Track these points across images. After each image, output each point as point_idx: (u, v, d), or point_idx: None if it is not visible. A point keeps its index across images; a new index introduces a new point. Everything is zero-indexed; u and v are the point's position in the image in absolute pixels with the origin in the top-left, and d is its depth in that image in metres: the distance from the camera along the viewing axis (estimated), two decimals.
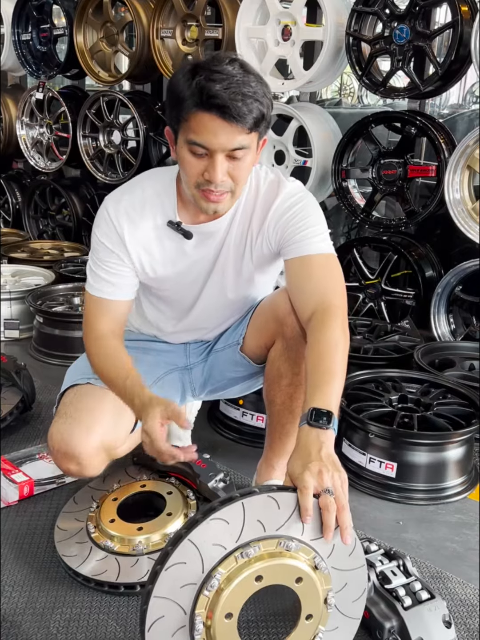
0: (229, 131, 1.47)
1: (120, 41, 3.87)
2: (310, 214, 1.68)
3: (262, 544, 1.16)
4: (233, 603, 1.15)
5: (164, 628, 1.14)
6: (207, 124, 1.47)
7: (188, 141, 1.51)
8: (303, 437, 1.30)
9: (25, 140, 4.50)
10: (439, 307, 3.07)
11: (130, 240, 1.70)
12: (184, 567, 1.13)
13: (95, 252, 1.75)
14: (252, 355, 1.86)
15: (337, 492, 1.20)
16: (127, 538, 1.65)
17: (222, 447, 2.31)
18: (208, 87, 1.44)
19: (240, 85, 1.45)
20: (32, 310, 3.14)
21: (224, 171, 1.53)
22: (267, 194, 1.71)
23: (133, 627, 1.51)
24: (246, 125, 1.47)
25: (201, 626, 1.14)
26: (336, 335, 1.49)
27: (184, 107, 1.48)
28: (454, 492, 2.09)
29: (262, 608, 1.56)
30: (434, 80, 2.98)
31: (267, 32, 3.28)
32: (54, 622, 1.52)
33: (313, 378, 1.43)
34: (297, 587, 1.19)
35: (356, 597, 1.29)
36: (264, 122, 1.52)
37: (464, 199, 2.95)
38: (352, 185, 3.34)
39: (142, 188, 1.73)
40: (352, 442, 2.16)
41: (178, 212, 1.71)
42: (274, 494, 1.17)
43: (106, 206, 1.72)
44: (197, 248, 1.75)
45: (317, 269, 1.63)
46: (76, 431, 1.66)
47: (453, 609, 1.60)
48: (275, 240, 1.70)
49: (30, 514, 1.90)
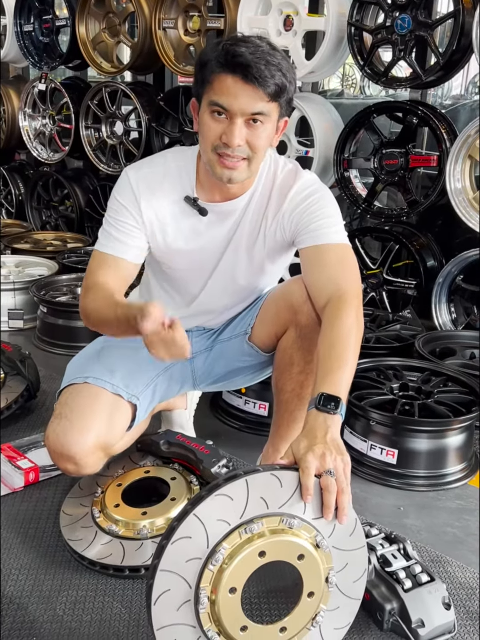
0: (250, 94, 1.51)
1: (123, 32, 3.87)
2: (326, 204, 1.70)
3: (265, 520, 1.19)
4: (237, 578, 1.18)
5: (170, 602, 1.16)
6: (229, 86, 1.51)
7: (210, 102, 1.54)
8: (310, 420, 1.33)
9: (28, 132, 4.51)
10: (440, 296, 3.08)
11: (146, 206, 1.71)
12: (189, 541, 1.15)
13: (110, 212, 1.75)
14: (260, 344, 1.86)
15: (338, 474, 1.22)
16: (132, 522, 1.67)
17: (224, 435, 2.33)
18: (233, 49, 1.49)
19: (266, 54, 1.50)
20: (35, 300, 3.16)
21: (242, 136, 1.55)
22: (284, 182, 1.72)
23: (138, 609, 1.54)
24: (267, 89, 1.50)
25: (206, 600, 1.17)
26: (350, 323, 1.51)
27: (208, 68, 1.53)
28: (454, 478, 2.11)
29: (264, 587, 1.59)
30: (436, 70, 2.98)
31: (269, 22, 3.28)
32: (60, 604, 1.55)
33: (324, 364, 1.45)
34: (299, 564, 1.22)
35: (357, 577, 1.31)
36: (284, 94, 1.55)
37: (465, 188, 2.96)
38: (353, 175, 3.34)
39: (164, 161, 1.75)
40: (353, 429, 2.18)
41: (196, 189, 1.72)
42: (277, 472, 1.20)
43: (127, 172, 1.73)
44: (210, 227, 1.75)
45: (332, 258, 1.65)
46: (70, 431, 1.67)
47: (453, 592, 1.62)
48: (290, 229, 1.72)
49: (36, 499, 1.93)
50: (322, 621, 1.28)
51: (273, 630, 1.25)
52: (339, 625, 1.33)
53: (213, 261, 1.80)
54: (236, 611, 1.20)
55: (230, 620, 1.19)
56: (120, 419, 1.74)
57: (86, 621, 1.50)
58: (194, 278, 1.84)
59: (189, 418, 2.21)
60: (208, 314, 1.94)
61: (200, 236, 1.76)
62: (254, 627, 1.23)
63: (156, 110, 3.85)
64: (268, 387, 1.97)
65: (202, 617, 1.18)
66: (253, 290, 1.90)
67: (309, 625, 1.27)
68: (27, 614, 1.51)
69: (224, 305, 1.92)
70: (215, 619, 1.19)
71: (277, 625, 1.25)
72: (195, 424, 2.23)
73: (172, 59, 3.67)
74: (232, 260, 1.80)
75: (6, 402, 2.30)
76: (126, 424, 1.77)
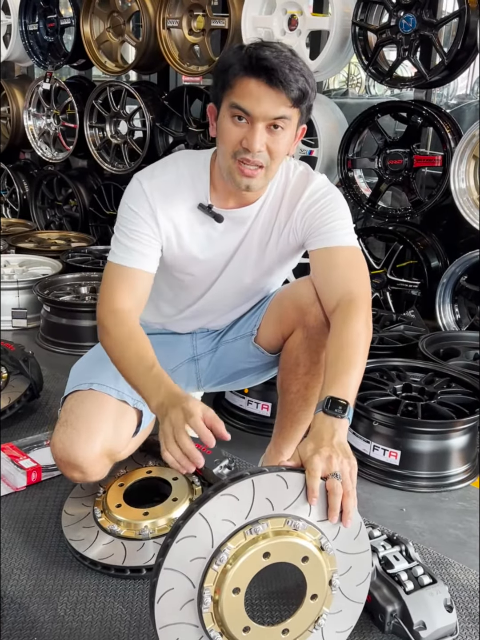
0: (273, 98, 1.49)
1: (127, 31, 3.87)
2: (337, 207, 1.69)
3: (270, 521, 1.19)
4: (241, 578, 1.18)
5: (173, 600, 1.16)
6: (253, 90, 1.49)
7: (231, 105, 1.52)
8: (317, 423, 1.33)
9: (33, 131, 4.52)
10: (444, 297, 3.08)
11: (161, 215, 1.67)
12: (194, 540, 1.15)
13: (123, 222, 1.68)
14: (266, 345, 1.86)
15: (344, 477, 1.22)
16: (133, 523, 1.67)
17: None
18: (257, 52, 1.48)
19: (289, 59, 1.50)
20: (39, 299, 3.16)
21: (262, 141, 1.53)
22: (296, 185, 1.72)
23: (139, 610, 1.54)
24: (290, 93, 1.49)
25: (209, 600, 1.17)
26: (359, 327, 1.51)
27: (230, 72, 1.51)
28: (457, 479, 2.11)
29: (265, 589, 1.59)
30: (440, 69, 2.97)
31: (274, 22, 3.28)
32: (61, 604, 1.55)
33: (333, 367, 1.45)
34: (303, 566, 1.22)
35: (360, 581, 1.31)
36: (306, 101, 1.54)
37: (469, 188, 2.96)
38: (357, 175, 3.34)
39: (176, 167, 1.72)
40: (356, 430, 2.18)
41: (210, 195, 1.71)
42: (283, 473, 1.20)
43: (139, 180, 1.69)
44: (225, 233, 1.74)
45: (342, 261, 1.65)
46: (77, 440, 1.65)
47: (455, 594, 1.62)
48: (302, 232, 1.71)
49: (38, 499, 1.93)
50: (324, 624, 1.28)
51: (275, 631, 1.25)
52: (341, 628, 1.32)
53: (223, 263, 1.79)
54: (239, 611, 1.20)
55: (233, 621, 1.19)
56: (126, 426, 1.73)
57: (87, 621, 1.50)
58: (201, 281, 1.83)
59: None
60: (212, 313, 1.93)
61: (215, 243, 1.75)
62: (257, 628, 1.22)
63: (160, 110, 3.86)
64: (271, 388, 1.97)
65: (205, 617, 1.18)
66: (259, 291, 1.89)
67: (312, 627, 1.27)
68: (28, 613, 1.51)
69: (229, 306, 1.91)
70: (218, 619, 1.19)
71: (280, 627, 1.25)
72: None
73: (176, 58, 3.67)
74: (241, 263, 1.79)
75: (9, 401, 2.30)
76: (132, 430, 1.75)
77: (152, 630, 1.45)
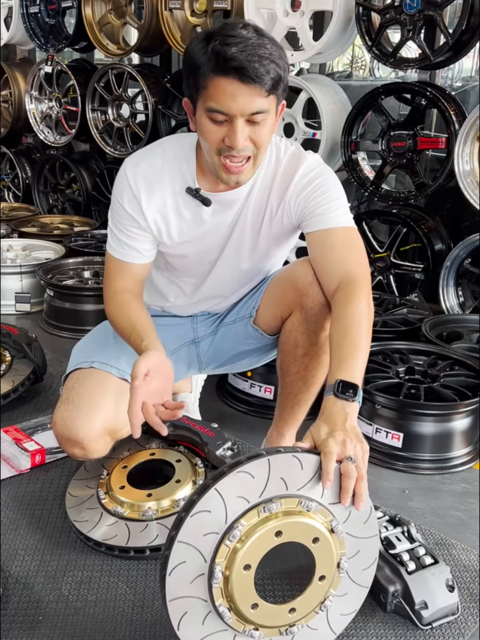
0: (247, 94, 1.47)
1: (129, 13, 3.84)
2: (331, 187, 1.68)
3: (283, 501, 1.20)
4: (252, 555, 1.19)
5: (184, 574, 1.17)
6: (225, 88, 1.46)
7: (207, 109, 1.50)
8: (329, 406, 1.33)
9: (35, 115, 4.50)
10: (447, 280, 3.07)
11: (147, 206, 1.70)
12: (208, 515, 1.16)
13: (114, 214, 1.75)
14: (265, 327, 1.86)
15: (358, 460, 1.23)
16: (137, 504, 1.68)
17: (230, 418, 2.34)
18: (224, 51, 1.43)
19: (256, 48, 1.45)
20: (42, 283, 3.17)
21: (245, 136, 1.52)
22: (287, 166, 1.70)
23: (142, 589, 1.55)
24: (264, 86, 1.47)
25: (220, 575, 1.17)
26: (362, 309, 1.51)
27: (201, 74, 1.48)
28: (459, 462, 2.11)
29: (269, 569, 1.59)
30: (445, 50, 2.94)
31: (277, 3, 3.24)
32: (65, 584, 1.56)
33: (339, 350, 1.45)
34: (314, 547, 1.23)
35: (367, 565, 1.32)
36: (281, 84, 1.51)
37: (473, 170, 2.94)
38: (361, 157, 3.32)
39: (162, 152, 1.72)
40: (359, 412, 2.16)
41: (197, 178, 1.70)
42: (299, 454, 1.20)
43: (125, 169, 1.71)
44: (214, 216, 1.74)
45: (340, 242, 1.64)
46: (78, 417, 1.68)
47: (457, 575, 1.63)
48: (296, 214, 1.71)
49: (42, 481, 1.94)
50: (330, 606, 1.29)
51: (283, 610, 1.26)
52: (345, 611, 1.33)
53: (217, 249, 1.80)
54: (249, 588, 1.21)
55: (242, 597, 1.20)
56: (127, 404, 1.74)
57: (91, 601, 1.51)
58: (198, 267, 1.84)
59: (194, 401, 2.22)
60: (214, 299, 1.94)
61: (204, 226, 1.75)
62: (265, 605, 1.23)
63: (163, 93, 3.83)
64: (274, 371, 1.97)
65: (215, 592, 1.19)
66: (258, 273, 1.89)
67: (317, 608, 1.28)
68: (32, 593, 1.53)
69: (229, 290, 1.92)
70: (227, 595, 1.20)
71: (288, 606, 1.26)
72: (201, 407, 2.23)
73: (178, 40, 3.63)
74: (237, 246, 1.79)
75: (13, 384, 2.31)
76: None
77: (155, 610, 1.48)
